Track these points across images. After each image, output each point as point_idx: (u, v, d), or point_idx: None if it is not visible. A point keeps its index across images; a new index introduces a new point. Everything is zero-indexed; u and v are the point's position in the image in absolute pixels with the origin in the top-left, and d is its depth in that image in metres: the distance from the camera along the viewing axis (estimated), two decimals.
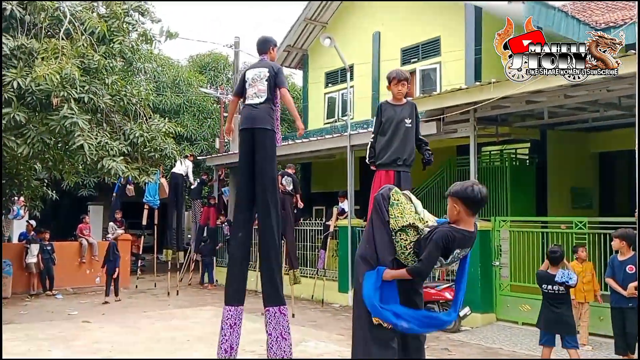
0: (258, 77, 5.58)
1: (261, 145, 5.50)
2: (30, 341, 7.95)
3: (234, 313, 5.52)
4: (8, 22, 9.16)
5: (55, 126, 9.00)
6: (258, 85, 5.56)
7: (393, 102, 5.66)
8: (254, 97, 5.56)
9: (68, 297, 12.88)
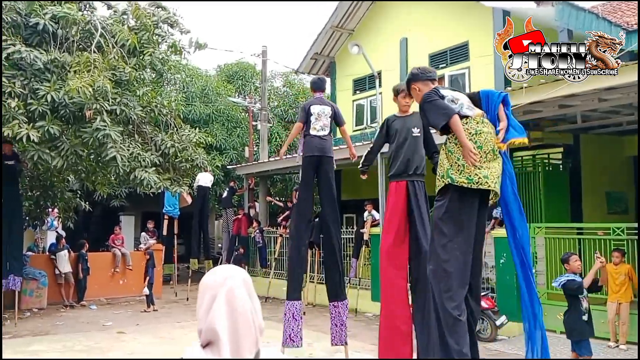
0: (323, 113, 6.67)
1: (325, 169, 6.67)
2: (67, 352, 8.03)
3: (295, 307, 6.54)
4: (41, 37, 9.32)
5: (88, 138, 9.11)
6: (323, 120, 6.65)
7: (400, 115, 5.89)
8: (321, 129, 6.66)
9: (102, 308, 13.01)
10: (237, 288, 1.69)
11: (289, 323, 6.53)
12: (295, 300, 6.64)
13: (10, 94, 8.44)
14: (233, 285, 1.68)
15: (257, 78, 24.00)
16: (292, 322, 6.50)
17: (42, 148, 9.08)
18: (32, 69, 8.82)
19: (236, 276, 1.72)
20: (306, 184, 6.89)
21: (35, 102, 8.69)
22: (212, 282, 1.71)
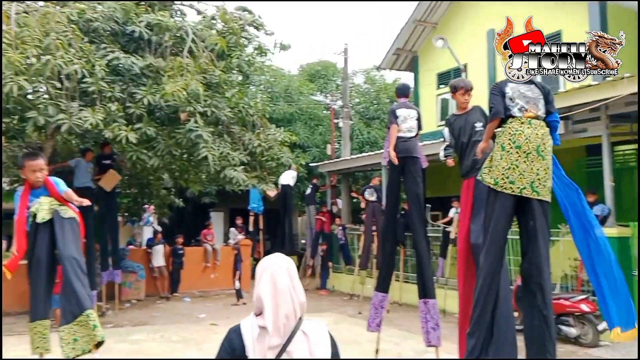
0: (409, 116, 6.91)
1: (411, 170, 6.84)
2: (165, 343, 8.49)
3: (382, 298, 7.04)
4: (137, 44, 9.86)
5: (182, 139, 9.58)
6: (409, 122, 6.89)
7: (459, 112, 5.91)
8: (407, 131, 6.87)
9: (195, 300, 13.60)
10: (279, 270, 2.22)
11: (374, 310, 7.09)
12: (382, 292, 7.13)
13: (111, 98, 9.01)
14: (276, 268, 2.22)
15: (338, 76, 24.15)
16: (374, 310, 7.09)
17: (140, 148, 9.63)
18: (129, 74, 9.36)
19: (279, 262, 2.26)
20: (392, 183, 7.20)
21: (133, 105, 9.23)
22: (262, 266, 2.28)
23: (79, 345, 4.88)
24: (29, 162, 5.13)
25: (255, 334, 2.16)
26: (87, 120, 8.33)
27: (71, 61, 8.17)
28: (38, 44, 8.08)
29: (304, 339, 2.16)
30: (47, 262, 5.13)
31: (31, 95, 8.28)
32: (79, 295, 4.93)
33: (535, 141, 4.30)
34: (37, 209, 5.11)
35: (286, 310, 2.15)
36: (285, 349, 2.13)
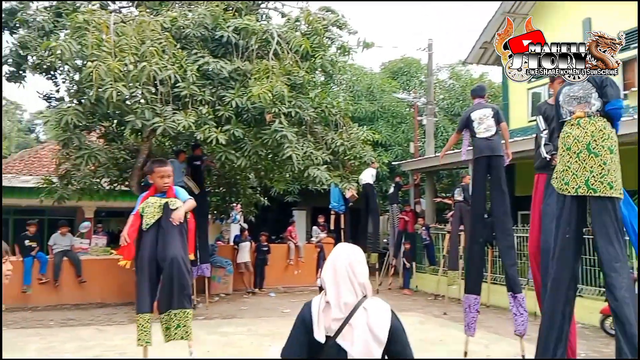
0: (484, 116, 6.94)
1: (495, 169, 6.86)
2: (253, 336, 8.79)
3: (472, 300, 7.03)
4: (225, 48, 10.24)
5: (268, 139, 9.86)
6: (486, 122, 6.90)
7: (552, 102, 5.61)
8: (486, 131, 6.89)
9: (280, 296, 13.94)
10: (339, 257, 2.57)
11: (467, 313, 7.08)
12: (473, 294, 7.06)
13: (201, 101, 9.43)
14: (337, 255, 2.58)
15: (422, 72, 23.87)
16: (469, 313, 7.04)
17: (228, 149, 10.00)
18: (218, 78, 9.75)
19: (341, 250, 2.62)
20: (478, 184, 7.18)
21: (222, 108, 9.61)
22: (330, 254, 2.66)
23: (178, 333, 5.25)
24: (158, 168, 5.41)
25: (322, 307, 2.51)
26: (180, 123, 8.77)
27: (165, 67, 8.63)
28: (135, 52, 8.59)
29: (364, 314, 2.46)
30: (153, 258, 5.37)
31: (129, 100, 8.82)
32: (177, 293, 5.23)
33: (585, 139, 4.35)
34: (144, 210, 5.40)
35: (345, 290, 2.49)
36: (348, 321, 2.45)
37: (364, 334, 2.43)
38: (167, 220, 5.31)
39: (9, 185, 17.22)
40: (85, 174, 10.77)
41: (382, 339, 2.44)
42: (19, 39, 10.31)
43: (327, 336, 2.47)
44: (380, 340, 2.44)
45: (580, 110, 4.49)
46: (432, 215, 16.64)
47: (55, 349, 7.92)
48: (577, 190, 4.36)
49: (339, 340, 2.45)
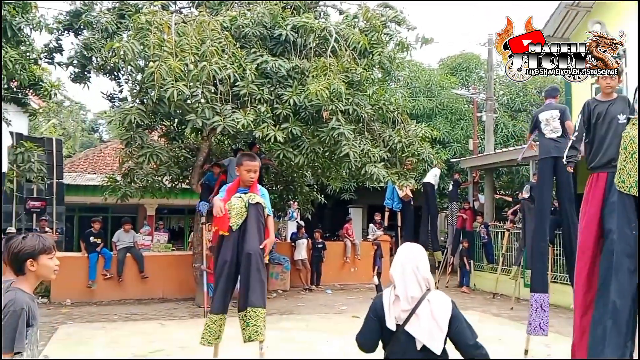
0: (551, 117, 7.16)
1: (562, 169, 6.78)
2: (311, 331, 8.81)
3: (542, 298, 6.98)
4: (283, 46, 10.26)
5: (325, 137, 9.82)
6: (552, 124, 7.12)
7: (601, 99, 5.55)
8: (552, 132, 7.11)
9: (336, 293, 13.94)
10: (405, 255, 3.04)
11: (537, 313, 6.99)
12: (541, 292, 7.04)
13: (260, 100, 9.48)
14: (403, 254, 3.05)
15: (481, 68, 23.33)
16: (540, 313, 6.96)
17: (286, 147, 10.03)
18: (276, 76, 9.78)
19: (407, 250, 3.07)
20: (544, 184, 7.31)
21: (280, 106, 9.64)
22: (397, 253, 3.11)
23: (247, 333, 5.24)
24: (247, 162, 5.38)
25: (392, 300, 2.95)
26: (239, 121, 8.85)
27: (225, 66, 8.72)
28: (195, 52, 8.72)
29: (428, 305, 2.88)
30: (233, 261, 5.37)
31: (189, 99, 8.96)
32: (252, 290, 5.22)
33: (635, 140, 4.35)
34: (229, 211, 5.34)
35: (411, 285, 2.92)
36: (414, 312, 2.87)
37: (428, 323, 2.85)
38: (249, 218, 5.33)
39: (74, 184, 17.90)
40: (148, 172, 11.03)
41: (443, 327, 2.86)
42: (83, 40, 10.65)
43: (397, 324, 2.90)
44: (442, 328, 2.85)
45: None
46: (491, 212, 16.25)
47: (120, 343, 8.15)
48: (630, 190, 4.38)
49: (407, 327, 2.87)
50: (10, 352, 2.76)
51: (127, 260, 12.35)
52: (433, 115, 20.94)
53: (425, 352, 2.85)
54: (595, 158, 5.35)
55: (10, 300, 2.83)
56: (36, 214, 12.99)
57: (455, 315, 2.90)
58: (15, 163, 9.55)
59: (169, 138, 12.28)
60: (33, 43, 10.41)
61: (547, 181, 7.24)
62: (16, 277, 2.96)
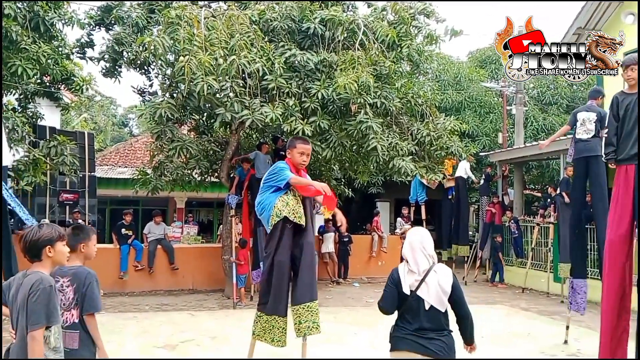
0: (587, 119, 7.48)
1: (593, 169, 7.45)
2: (339, 324, 8.86)
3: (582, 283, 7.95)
4: (311, 40, 10.27)
5: (353, 130, 9.82)
6: (587, 125, 7.49)
7: (629, 91, 5.59)
8: (584, 134, 7.51)
9: (364, 286, 13.97)
10: (413, 237, 3.90)
11: (576, 294, 7.95)
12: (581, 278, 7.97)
13: (288, 93, 9.52)
14: (412, 236, 3.92)
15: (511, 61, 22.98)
16: (578, 294, 7.92)
17: (314, 141, 10.05)
18: (305, 70, 9.80)
19: (416, 233, 3.94)
20: (577, 182, 7.97)
21: (308, 99, 9.67)
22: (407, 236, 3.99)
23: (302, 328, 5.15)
24: (300, 145, 5.34)
25: (406, 272, 3.84)
26: (268, 115, 8.91)
27: (253, 60, 8.78)
28: (224, 46, 8.79)
29: (435, 275, 3.77)
30: (289, 262, 5.26)
31: (218, 93, 9.04)
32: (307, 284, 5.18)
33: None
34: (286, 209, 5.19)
35: (420, 259, 3.81)
36: (424, 280, 3.76)
37: (435, 288, 3.75)
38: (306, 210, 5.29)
39: (106, 177, 18.22)
40: (178, 165, 11.17)
41: (447, 291, 3.76)
42: (114, 35, 10.81)
43: (411, 290, 3.78)
44: (446, 292, 3.75)
45: None
46: (521, 207, 16.06)
47: (151, 332, 8.31)
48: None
49: (419, 292, 3.77)
50: (42, 327, 3.02)
51: (157, 252, 12.55)
52: (462, 109, 20.73)
53: (432, 310, 3.75)
54: (624, 151, 5.30)
55: (37, 280, 3.07)
56: (69, 206, 13.26)
57: (455, 285, 3.81)
58: (49, 156, 9.76)
59: (198, 132, 12.41)
60: (65, 38, 10.60)
61: (580, 180, 7.89)
62: (31, 264, 3.21)
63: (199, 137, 12.06)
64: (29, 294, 3.04)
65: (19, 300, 3.09)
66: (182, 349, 7.42)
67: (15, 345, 3.13)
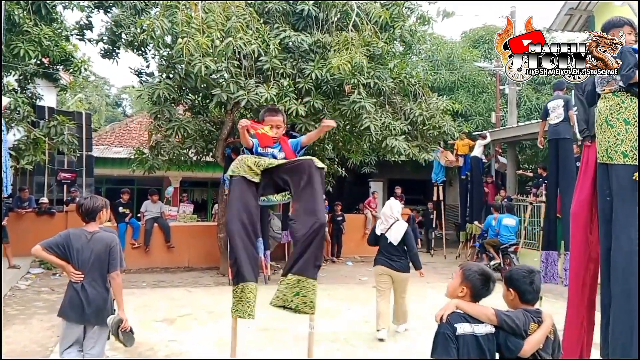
0: (557, 106, 9.20)
1: (563, 149, 9.14)
2: (333, 300, 9.13)
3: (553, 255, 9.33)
4: (305, 21, 10.39)
5: (346, 110, 10.00)
6: (557, 111, 9.15)
7: None
8: (555, 118, 9.13)
9: (357, 264, 14.24)
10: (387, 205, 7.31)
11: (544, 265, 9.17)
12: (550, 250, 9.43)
13: (282, 74, 9.67)
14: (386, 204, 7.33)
15: None
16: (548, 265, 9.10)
17: (308, 121, 10.21)
18: (299, 51, 9.93)
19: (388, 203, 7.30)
20: (551, 161, 9.36)
21: (302, 80, 9.82)
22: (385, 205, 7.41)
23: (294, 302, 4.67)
24: (267, 117, 4.92)
25: (379, 224, 7.13)
26: (262, 95, 9.07)
27: (249, 42, 8.91)
28: (221, 28, 8.92)
29: (395, 226, 6.92)
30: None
31: (215, 74, 9.19)
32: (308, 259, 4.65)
33: (605, 113, 4.65)
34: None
35: (388, 218, 7.01)
36: (390, 228, 6.93)
37: (394, 233, 6.85)
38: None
39: (102, 156, 18.36)
40: (174, 145, 11.32)
41: (401, 234, 6.82)
42: (113, 17, 10.89)
43: (382, 233, 6.93)
44: (400, 234, 6.82)
45: (609, 87, 4.70)
46: (514, 186, 16.32)
47: (150, 307, 8.56)
48: (602, 159, 4.69)
49: (386, 234, 6.90)
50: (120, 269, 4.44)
51: (154, 230, 12.76)
52: (455, 89, 20.87)
53: (393, 244, 6.86)
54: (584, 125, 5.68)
55: (113, 238, 4.50)
56: (67, 185, 13.43)
57: (407, 232, 6.88)
58: (49, 136, 9.90)
59: (194, 112, 12.54)
60: (65, 20, 10.68)
61: (553, 160, 9.28)
62: (86, 224, 4.49)
63: (194, 117, 12.19)
64: (110, 247, 4.36)
65: (97, 249, 4.33)
66: (180, 322, 7.68)
67: (85, 282, 4.31)
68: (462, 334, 2.88)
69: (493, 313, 2.97)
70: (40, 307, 8.64)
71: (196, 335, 7.01)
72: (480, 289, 3.03)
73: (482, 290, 3.04)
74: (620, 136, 4.57)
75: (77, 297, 4.29)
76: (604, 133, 4.64)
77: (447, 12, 11.20)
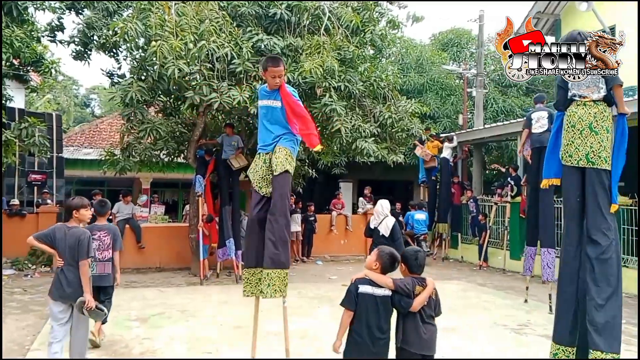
0: (541, 117, 9.55)
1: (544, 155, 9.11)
2: (303, 298, 9.31)
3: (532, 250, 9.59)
4: (278, 25, 10.56)
5: (317, 113, 10.18)
6: (541, 122, 9.52)
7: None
8: (540, 128, 9.53)
9: (327, 264, 14.45)
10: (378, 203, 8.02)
11: (527, 259, 9.66)
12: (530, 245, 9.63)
13: (255, 77, 9.80)
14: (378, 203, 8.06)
15: (472, 43, 23.60)
16: (529, 260, 9.54)
17: None
18: (271, 54, 10.08)
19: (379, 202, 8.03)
20: (534, 167, 9.52)
21: None
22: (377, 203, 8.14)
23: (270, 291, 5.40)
24: (271, 67, 5.10)
25: (373, 219, 7.97)
26: (235, 98, 9.21)
27: (222, 45, 9.04)
28: (194, 31, 9.02)
29: (384, 221, 7.73)
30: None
31: (188, 76, 9.29)
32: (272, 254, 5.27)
33: (588, 119, 4.86)
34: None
35: (380, 214, 7.80)
36: (381, 222, 7.75)
37: (384, 226, 7.69)
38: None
39: (72, 158, 18.18)
40: (146, 146, 11.35)
41: (389, 228, 7.64)
42: (85, 19, 10.88)
43: (374, 227, 7.82)
44: (388, 228, 7.64)
45: (590, 95, 4.92)
46: (480, 187, 16.74)
47: (123, 307, 8.59)
48: (579, 162, 4.90)
49: (379, 228, 7.74)
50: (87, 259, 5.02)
51: (125, 231, 12.75)
52: (424, 91, 21.26)
53: (384, 236, 7.58)
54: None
55: (83, 232, 5.10)
56: (37, 186, 13.33)
57: (394, 225, 7.68)
58: (19, 138, 9.86)
59: (166, 114, 12.58)
60: (36, 22, 10.63)
61: (536, 166, 9.38)
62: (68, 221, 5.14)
63: (166, 118, 12.24)
64: (79, 240, 4.98)
65: (70, 242, 4.99)
66: (153, 321, 7.76)
67: (64, 268, 5.01)
68: (364, 292, 4.02)
69: (391, 281, 4.06)
70: (14, 307, 8.63)
71: (169, 333, 7.11)
72: (388, 266, 4.17)
73: (389, 268, 4.18)
74: (603, 143, 4.84)
75: (58, 279, 5.08)
76: (584, 138, 4.85)
77: (416, 17, 11.50)
